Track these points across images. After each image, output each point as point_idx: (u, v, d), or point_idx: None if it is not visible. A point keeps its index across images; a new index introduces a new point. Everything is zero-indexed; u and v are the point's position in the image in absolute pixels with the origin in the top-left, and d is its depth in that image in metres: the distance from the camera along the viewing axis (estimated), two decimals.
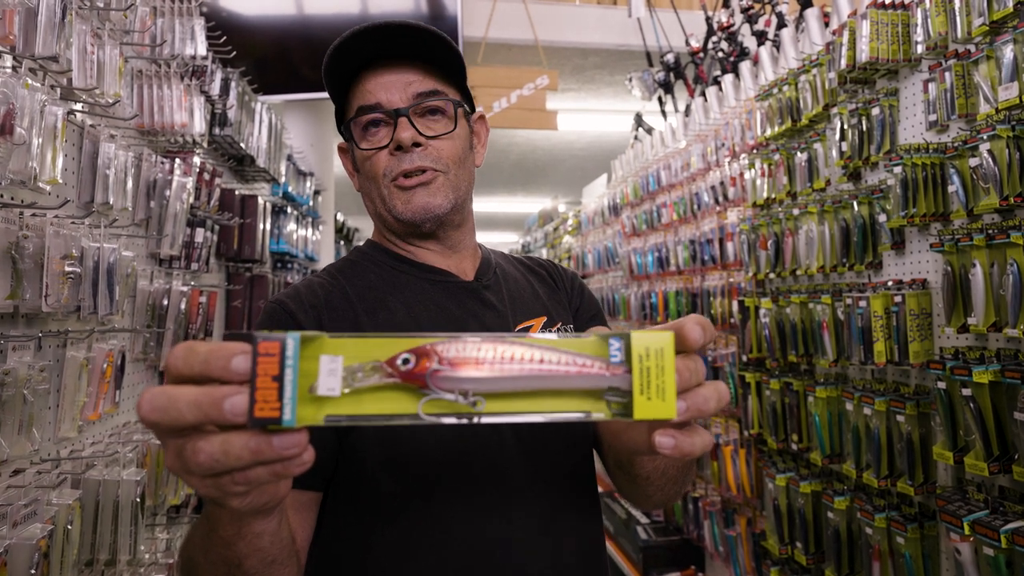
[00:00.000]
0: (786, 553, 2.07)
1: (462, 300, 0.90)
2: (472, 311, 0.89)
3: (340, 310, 0.84)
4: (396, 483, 0.78)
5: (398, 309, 0.86)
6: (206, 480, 0.44)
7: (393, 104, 0.86)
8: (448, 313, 0.88)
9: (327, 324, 0.82)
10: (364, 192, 0.93)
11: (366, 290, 0.88)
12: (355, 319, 0.84)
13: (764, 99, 2.31)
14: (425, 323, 0.85)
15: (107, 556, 1.27)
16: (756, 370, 2.27)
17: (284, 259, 3.25)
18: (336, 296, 0.86)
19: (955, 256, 1.48)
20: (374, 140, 0.87)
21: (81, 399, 1.31)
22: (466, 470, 0.80)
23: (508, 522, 0.80)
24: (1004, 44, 1.37)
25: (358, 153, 0.90)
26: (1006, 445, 1.35)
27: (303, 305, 0.83)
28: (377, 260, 0.93)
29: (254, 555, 0.59)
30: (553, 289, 1.02)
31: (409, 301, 0.87)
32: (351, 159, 0.94)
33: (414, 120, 0.86)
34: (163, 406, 0.41)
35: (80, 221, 1.31)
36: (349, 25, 0.88)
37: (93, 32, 1.35)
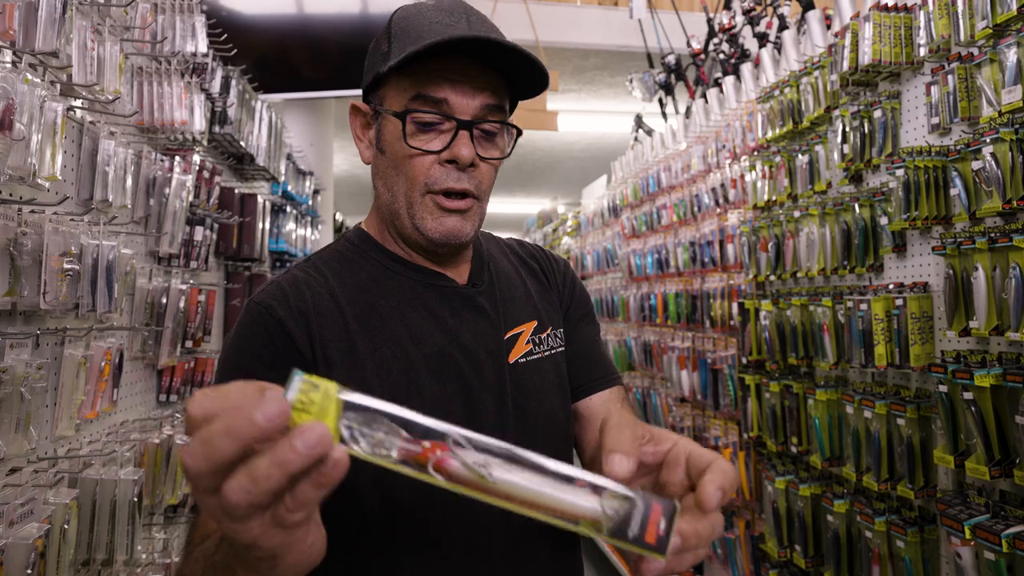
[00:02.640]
0: (785, 556, 2.06)
1: (456, 307, 0.85)
2: (465, 319, 0.85)
3: (329, 316, 0.79)
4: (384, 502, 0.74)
5: (390, 316, 0.81)
6: (261, 523, 0.40)
7: (462, 111, 0.77)
8: (441, 322, 0.83)
9: (315, 332, 0.77)
10: (382, 177, 0.83)
11: (356, 291, 0.82)
12: (345, 327, 0.79)
13: (765, 101, 2.31)
14: (417, 331, 0.81)
15: (104, 556, 1.26)
16: (756, 372, 2.27)
17: (283, 258, 3.24)
18: (324, 299, 0.80)
19: (957, 259, 1.48)
20: (426, 141, 0.78)
21: (79, 397, 1.30)
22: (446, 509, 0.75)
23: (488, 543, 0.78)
24: (1007, 47, 1.37)
25: (397, 144, 0.79)
26: (1007, 449, 1.35)
27: (291, 311, 0.77)
28: (369, 256, 0.86)
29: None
30: (545, 287, 0.97)
31: (402, 307, 0.82)
32: (374, 130, 0.83)
33: (475, 136, 0.78)
34: (200, 451, 0.38)
35: (79, 218, 1.30)
36: (350, 25, 0.86)
37: (93, 28, 1.34)
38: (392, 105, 0.79)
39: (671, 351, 2.94)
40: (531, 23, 3.79)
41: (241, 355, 0.78)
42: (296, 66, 3.73)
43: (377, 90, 0.82)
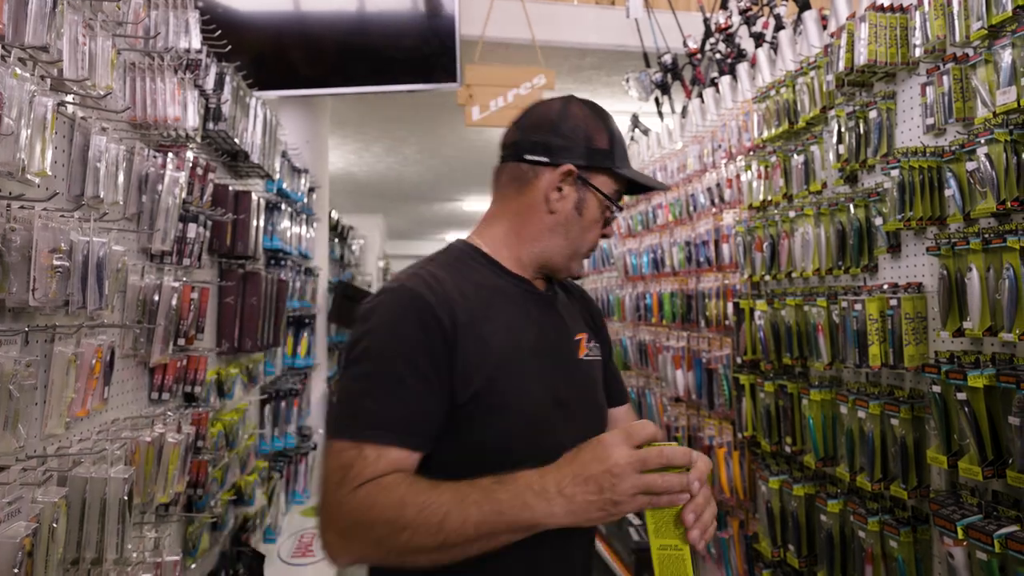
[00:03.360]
0: (778, 556, 2.07)
1: (542, 308, 1.09)
2: (550, 319, 1.10)
3: (460, 305, 0.96)
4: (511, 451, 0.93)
5: (501, 309, 1.02)
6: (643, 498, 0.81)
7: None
8: (533, 317, 1.06)
9: (456, 317, 0.94)
10: (565, 226, 1.08)
11: (475, 288, 1.01)
12: (471, 315, 0.97)
13: (761, 101, 2.31)
14: (519, 322, 1.03)
15: (93, 555, 1.25)
16: (751, 372, 2.27)
17: (278, 256, 3.23)
18: (454, 292, 0.98)
19: (951, 260, 1.48)
20: (603, 220, 1.10)
21: (69, 395, 1.29)
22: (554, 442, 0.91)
23: None
24: (1002, 48, 1.37)
25: (594, 211, 1.08)
26: (1000, 450, 1.35)
27: (437, 298, 0.95)
28: (480, 263, 1.07)
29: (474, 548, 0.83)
30: (585, 309, 1.22)
31: (507, 303, 1.04)
32: (577, 194, 1.07)
33: None
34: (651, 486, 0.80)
35: (69, 214, 1.29)
36: (346, 23, 0.95)
37: (85, 23, 1.33)
38: (602, 186, 1.08)
39: (666, 351, 2.94)
40: (528, 22, 3.78)
41: (398, 337, 0.93)
42: (292, 63, 3.71)
43: (591, 165, 1.07)
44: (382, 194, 9.48)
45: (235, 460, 2.36)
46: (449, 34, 3.59)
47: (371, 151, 7.07)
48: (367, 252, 9.35)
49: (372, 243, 9.82)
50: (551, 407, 1.01)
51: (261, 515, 2.94)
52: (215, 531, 2.28)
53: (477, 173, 8.11)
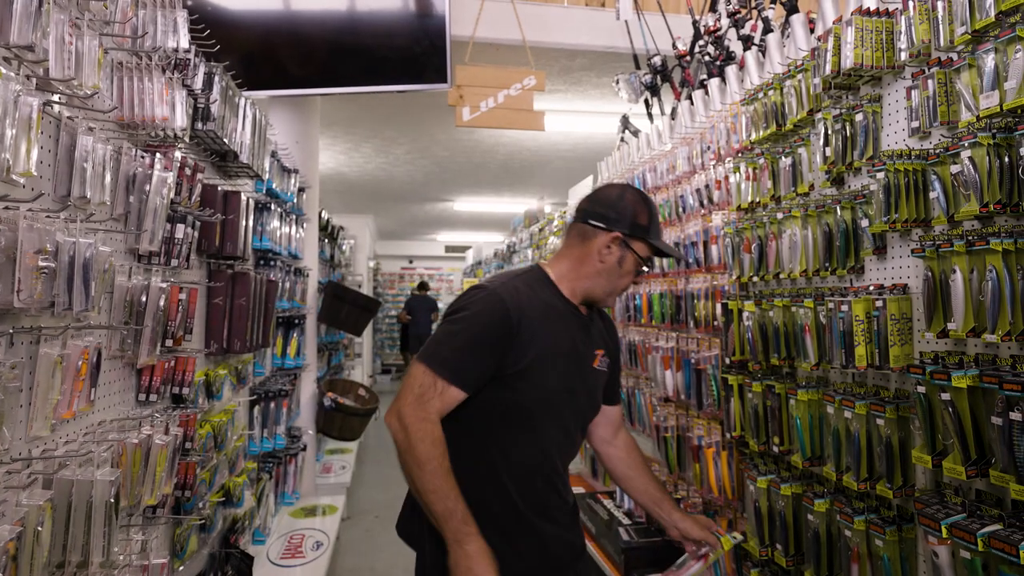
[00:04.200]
0: (766, 555, 2.08)
1: (579, 326, 1.57)
2: (581, 335, 1.57)
3: (526, 315, 1.43)
4: (533, 412, 1.47)
5: (554, 322, 1.50)
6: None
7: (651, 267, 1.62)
8: (572, 333, 1.54)
9: (522, 322, 1.42)
10: (607, 273, 1.55)
11: (540, 304, 1.49)
12: (532, 323, 1.44)
13: (749, 103, 2.32)
14: (562, 335, 1.51)
15: (79, 558, 1.24)
16: (739, 373, 2.28)
17: (267, 256, 3.21)
18: (525, 304, 1.45)
19: (936, 262, 1.49)
20: (635, 272, 1.58)
21: (54, 397, 1.28)
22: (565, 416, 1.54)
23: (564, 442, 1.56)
24: (986, 53, 1.38)
25: (628, 269, 1.56)
26: (983, 449, 1.37)
27: (514, 306, 1.43)
28: (546, 287, 1.55)
29: None
30: (610, 333, 1.71)
31: (558, 319, 1.52)
32: (620, 252, 1.54)
33: None
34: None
35: (55, 215, 1.28)
36: (336, 23, 0.98)
37: (71, 22, 1.32)
38: (639, 252, 1.55)
39: (655, 351, 2.95)
40: (518, 23, 3.79)
41: (484, 328, 1.42)
42: (282, 63, 3.69)
43: (635, 236, 1.54)
44: (372, 194, 9.46)
45: (224, 461, 2.35)
46: (440, 34, 3.59)
47: (361, 151, 7.05)
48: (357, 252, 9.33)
49: (362, 243, 9.79)
50: (563, 392, 1.51)
51: (250, 517, 2.92)
52: (203, 533, 2.27)
53: (467, 173, 8.10)
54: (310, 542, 3.47)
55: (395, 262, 15.96)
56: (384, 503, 5.09)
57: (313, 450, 4.48)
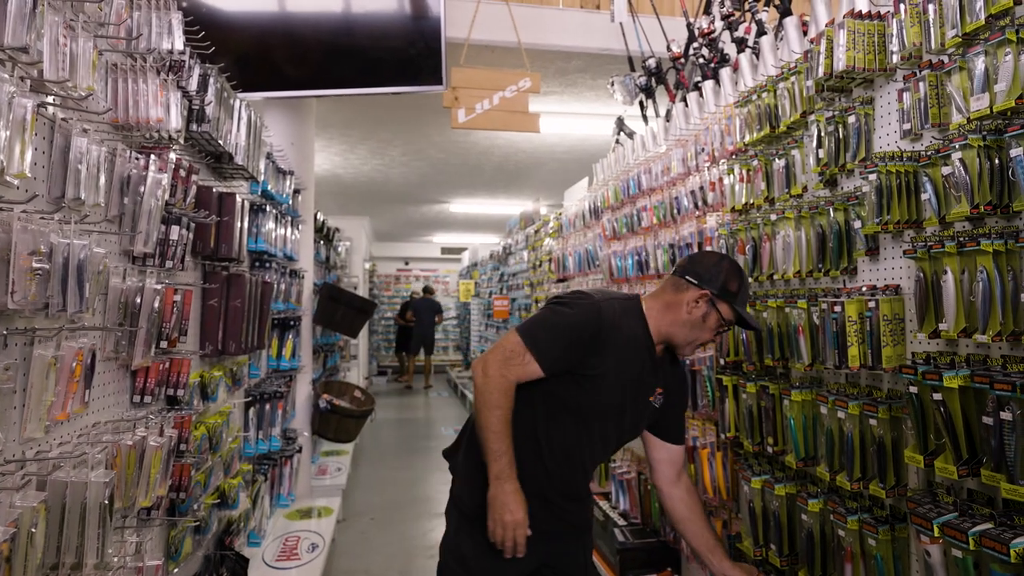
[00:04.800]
0: (760, 555, 2.09)
1: (650, 363, 1.73)
2: (648, 371, 1.74)
3: (609, 334, 1.65)
4: (586, 415, 1.70)
5: (626, 351, 1.68)
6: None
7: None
8: (640, 365, 1.72)
9: (604, 338, 1.65)
10: (691, 325, 1.71)
11: (627, 328, 1.69)
12: (611, 343, 1.65)
13: (743, 105, 2.33)
14: (629, 366, 1.69)
15: (73, 560, 1.24)
16: (733, 373, 2.29)
17: (262, 258, 3.21)
18: (611, 324, 1.65)
19: (927, 263, 1.51)
20: (715, 330, 1.73)
21: (48, 398, 1.27)
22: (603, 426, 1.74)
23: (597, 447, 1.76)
24: (976, 56, 1.40)
25: (710, 326, 1.72)
26: (975, 449, 1.38)
27: (606, 321, 1.65)
28: (637, 321, 1.71)
29: None
30: (676, 380, 1.86)
31: (632, 352, 1.69)
32: (705, 308, 1.70)
33: None
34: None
35: (49, 216, 1.28)
36: (332, 24, 0.96)
37: (66, 23, 1.32)
38: (724, 313, 1.70)
39: None
40: (513, 25, 3.80)
41: (575, 326, 1.64)
42: (277, 64, 3.70)
43: (723, 298, 1.69)
44: (368, 196, 9.45)
45: (219, 463, 2.34)
46: (435, 36, 3.59)
47: (357, 153, 7.04)
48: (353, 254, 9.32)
49: (358, 245, 9.78)
50: (615, 408, 1.72)
51: (245, 518, 2.92)
52: (198, 535, 2.27)
53: (463, 175, 8.11)
54: (305, 544, 3.46)
55: (391, 264, 15.94)
56: (380, 505, 5.08)
57: (309, 452, 4.48)
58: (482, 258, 11.93)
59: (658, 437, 1.87)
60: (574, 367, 1.64)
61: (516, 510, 1.55)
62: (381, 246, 15.35)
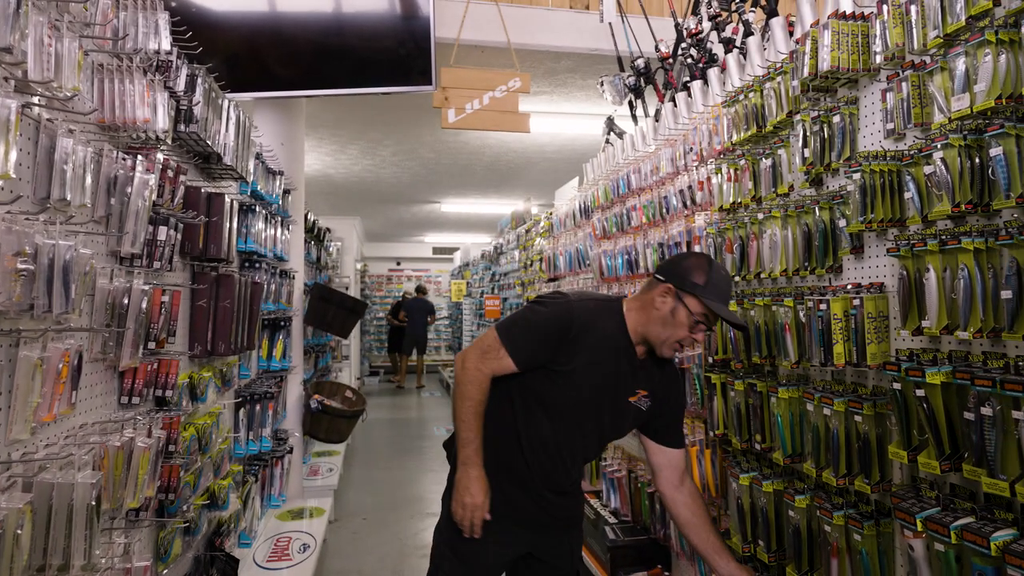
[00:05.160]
0: (749, 551, 2.10)
1: (627, 362, 1.77)
2: (626, 370, 1.77)
3: (580, 333, 1.71)
4: (559, 409, 1.75)
5: (601, 350, 1.73)
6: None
7: (709, 327, 1.74)
8: (616, 363, 1.76)
9: (574, 336, 1.71)
10: (662, 322, 1.73)
11: (601, 328, 1.74)
12: (583, 344, 1.71)
13: (731, 105, 2.35)
14: (607, 364, 1.75)
15: (60, 561, 1.24)
16: (722, 371, 2.30)
17: (252, 258, 3.20)
18: (584, 324, 1.72)
19: (910, 261, 1.52)
20: (688, 326, 1.71)
21: (35, 400, 1.27)
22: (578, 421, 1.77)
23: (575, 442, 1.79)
24: (956, 56, 1.42)
25: (682, 322, 1.71)
26: (957, 444, 1.40)
27: (577, 320, 1.71)
28: (617, 317, 1.77)
29: None
30: (664, 385, 1.85)
31: (609, 351, 1.74)
32: (673, 302, 1.71)
33: None
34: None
35: (34, 217, 1.27)
36: (322, 24, 0.98)
37: (51, 24, 1.32)
38: (690, 306, 1.70)
39: None
40: (503, 25, 3.80)
41: (546, 324, 1.72)
42: (267, 64, 3.68)
43: (685, 290, 1.70)
44: (359, 196, 9.43)
45: (208, 464, 2.34)
46: (425, 36, 3.59)
47: (347, 153, 7.03)
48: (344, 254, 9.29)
49: (350, 245, 9.75)
50: (590, 405, 1.75)
51: (236, 519, 2.91)
52: (188, 536, 2.26)
53: (454, 175, 8.10)
54: (297, 544, 3.45)
55: (383, 264, 15.91)
56: (372, 505, 5.07)
57: (300, 453, 4.47)
58: (473, 258, 11.92)
59: (655, 442, 1.88)
60: (546, 363, 1.71)
61: (476, 494, 1.66)
62: (373, 246, 15.31)
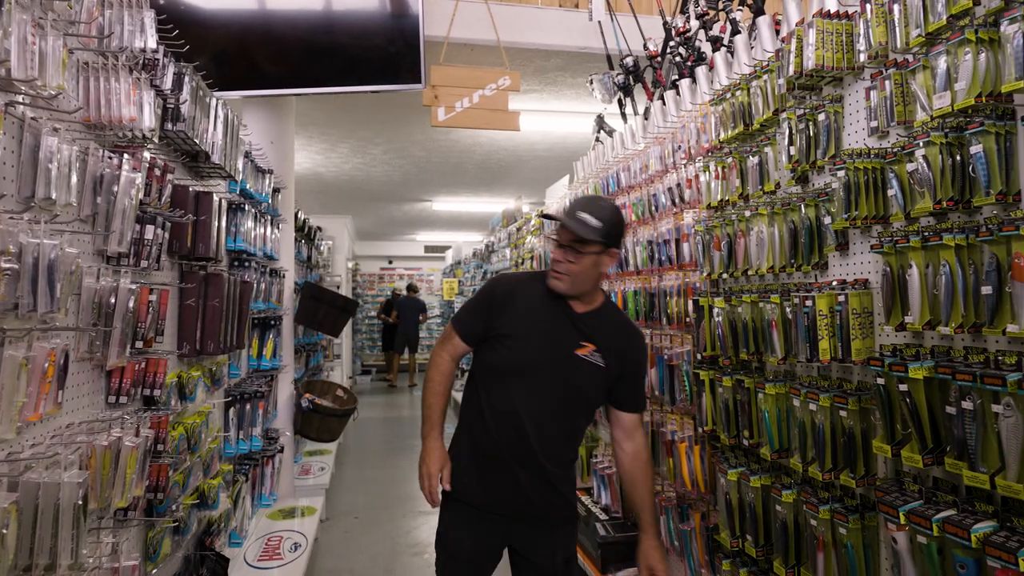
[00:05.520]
0: (737, 546, 2.12)
1: (565, 318, 1.85)
2: (564, 325, 1.85)
3: (511, 294, 1.88)
4: (505, 373, 1.84)
5: (534, 305, 1.86)
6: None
7: (563, 241, 1.81)
8: (551, 318, 1.85)
9: (503, 303, 1.87)
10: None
11: (531, 292, 1.88)
12: (516, 303, 1.87)
13: (718, 103, 2.36)
14: (544, 320, 1.85)
15: (47, 560, 1.23)
16: (710, 368, 2.32)
17: (241, 257, 3.19)
18: (518, 289, 1.90)
19: (894, 257, 1.54)
20: (554, 249, 1.84)
21: (20, 399, 1.26)
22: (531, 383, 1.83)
23: (532, 403, 1.82)
24: (938, 55, 1.43)
25: (551, 245, 1.88)
26: (939, 438, 1.42)
27: (505, 290, 1.89)
28: (542, 283, 1.88)
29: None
30: (613, 339, 1.86)
31: (538, 305, 1.86)
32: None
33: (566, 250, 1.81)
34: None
35: (19, 216, 1.27)
36: (312, 22, 1.00)
37: (34, 22, 1.31)
38: (551, 233, 2.20)
39: None
40: (493, 23, 3.80)
41: (478, 298, 1.93)
42: (257, 62, 3.67)
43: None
44: (350, 195, 9.40)
45: (198, 463, 2.33)
46: (414, 34, 3.59)
47: (338, 151, 7.01)
48: (336, 253, 9.26)
49: (341, 244, 9.73)
50: (534, 362, 1.82)
51: (226, 519, 2.90)
52: (177, 535, 2.25)
53: (445, 173, 8.09)
54: (288, 544, 3.45)
55: (374, 262, 15.87)
56: (364, 504, 5.07)
57: (291, 452, 4.46)
58: (465, 256, 11.91)
59: (616, 408, 1.94)
60: (486, 332, 1.87)
61: (431, 463, 1.84)
62: (364, 245, 15.27)
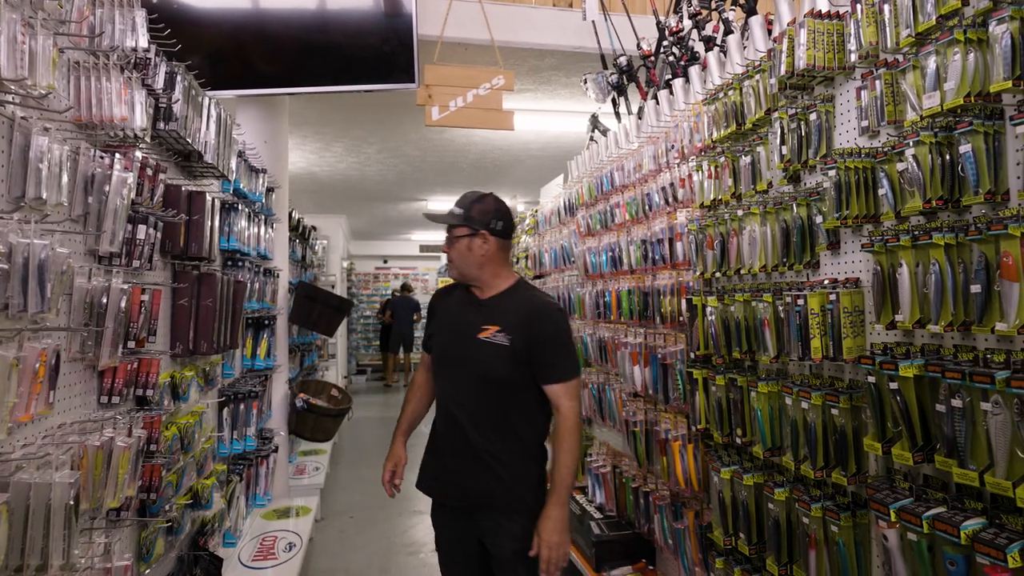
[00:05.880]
0: (730, 544, 2.13)
1: (472, 306, 2.04)
2: (471, 314, 2.02)
3: (441, 302, 2.17)
4: (436, 367, 2.12)
5: (456, 305, 2.09)
6: None
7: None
8: (463, 311, 2.05)
9: (438, 305, 2.18)
10: None
11: (454, 295, 2.12)
12: (441, 307, 2.16)
13: (711, 103, 2.37)
14: (457, 311, 2.06)
15: (38, 561, 1.23)
16: (703, 367, 2.33)
17: (235, 257, 3.18)
18: (447, 296, 2.15)
19: (884, 256, 1.55)
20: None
21: (11, 400, 1.26)
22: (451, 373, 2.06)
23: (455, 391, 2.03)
24: (928, 55, 1.44)
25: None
26: (929, 436, 1.43)
27: (439, 298, 2.19)
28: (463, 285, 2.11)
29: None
30: (517, 321, 1.96)
31: (457, 304, 2.09)
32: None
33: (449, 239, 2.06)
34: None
35: (8, 216, 1.26)
36: (305, 21, 1.01)
37: (24, 21, 1.30)
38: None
39: (624, 347, 2.99)
40: (486, 22, 3.80)
41: (430, 305, 2.23)
42: (250, 61, 3.66)
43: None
44: (345, 194, 9.38)
45: (191, 463, 2.33)
46: (408, 33, 3.59)
47: (332, 151, 6.99)
48: (331, 252, 9.25)
49: (336, 243, 9.71)
50: (449, 351, 2.06)
51: (220, 519, 2.89)
52: (171, 535, 2.25)
53: (440, 173, 8.09)
54: (283, 543, 3.44)
55: (369, 262, 15.84)
56: (359, 504, 5.06)
57: (285, 452, 4.45)
58: None
59: (539, 382, 1.98)
60: (430, 338, 2.16)
61: (389, 456, 2.14)
62: (359, 244, 15.24)
